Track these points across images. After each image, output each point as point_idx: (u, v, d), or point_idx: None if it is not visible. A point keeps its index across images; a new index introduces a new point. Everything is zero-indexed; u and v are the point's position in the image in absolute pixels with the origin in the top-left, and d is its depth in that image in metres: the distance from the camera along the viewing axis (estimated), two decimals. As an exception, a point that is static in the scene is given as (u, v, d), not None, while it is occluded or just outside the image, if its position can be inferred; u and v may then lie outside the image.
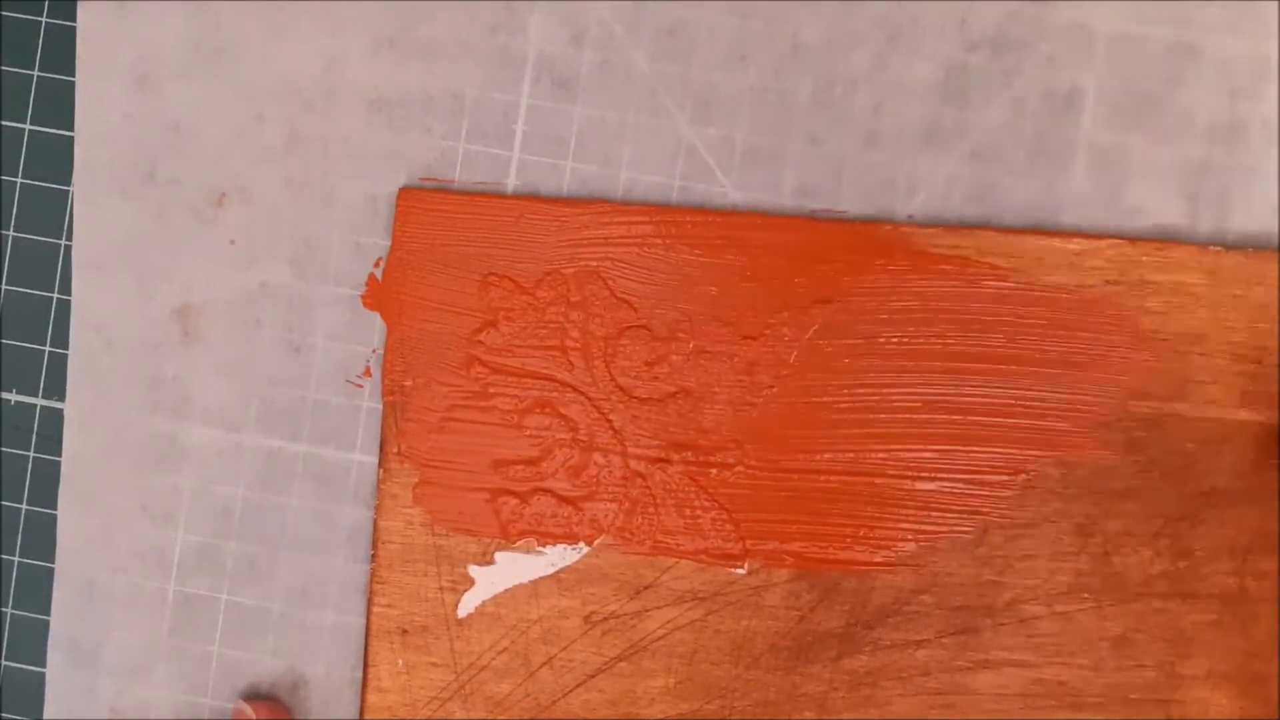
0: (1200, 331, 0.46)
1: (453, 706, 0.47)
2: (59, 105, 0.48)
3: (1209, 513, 0.46)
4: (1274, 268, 0.46)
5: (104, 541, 0.48)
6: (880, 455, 0.46)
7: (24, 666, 0.49)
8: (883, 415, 0.46)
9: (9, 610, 0.49)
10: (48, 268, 0.49)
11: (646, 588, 0.47)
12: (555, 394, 0.47)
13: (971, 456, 0.46)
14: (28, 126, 0.49)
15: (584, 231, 0.47)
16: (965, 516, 0.46)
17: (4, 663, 0.49)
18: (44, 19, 0.48)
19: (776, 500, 0.46)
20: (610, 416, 0.47)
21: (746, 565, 0.47)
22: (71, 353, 0.48)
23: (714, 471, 0.46)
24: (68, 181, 0.48)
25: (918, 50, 0.47)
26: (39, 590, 0.49)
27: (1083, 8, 0.46)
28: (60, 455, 0.48)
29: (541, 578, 0.47)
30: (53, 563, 0.48)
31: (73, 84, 0.48)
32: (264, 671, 0.48)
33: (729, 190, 0.47)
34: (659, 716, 0.47)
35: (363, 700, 0.47)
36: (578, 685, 0.47)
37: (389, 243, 0.47)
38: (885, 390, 0.46)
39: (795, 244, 0.46)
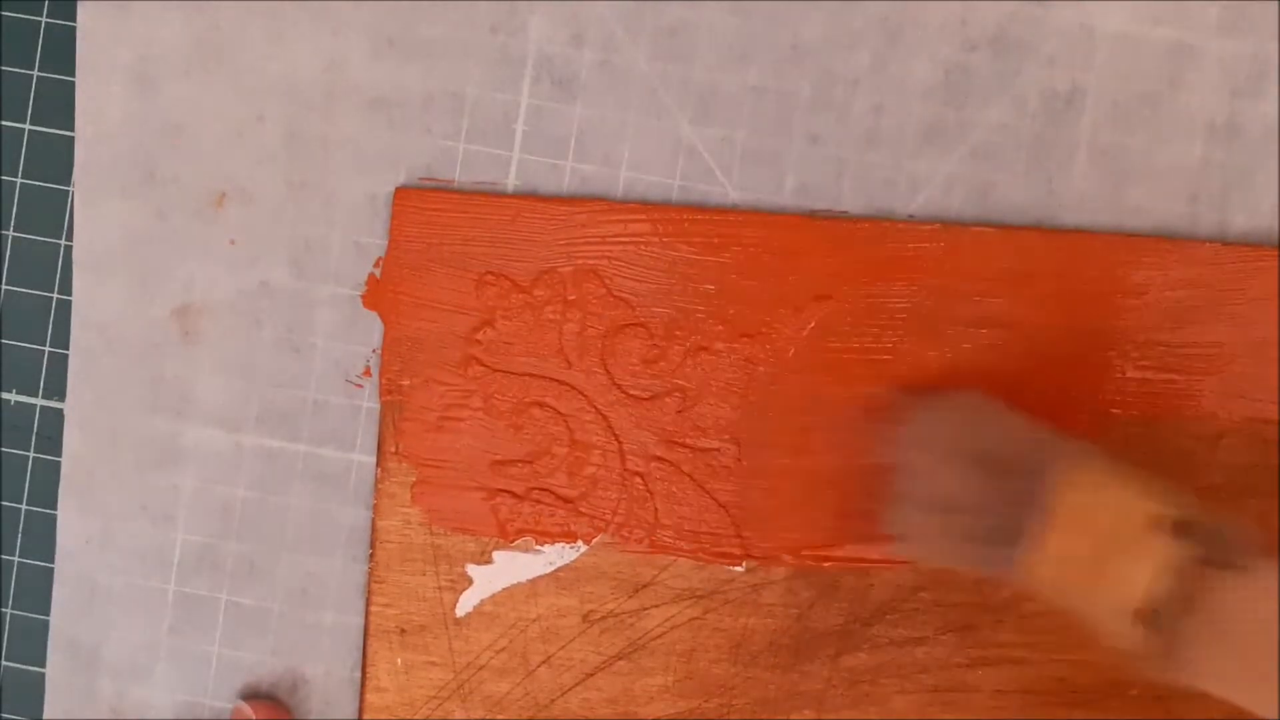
0: (1197, 328, 0.46)
1: (451, 705, 0.47)
2: (59, 105, 0.48)
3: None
4: (1274, 265, 0.46)
5: (104, 541, 0.48)
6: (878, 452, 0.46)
7: (24, 666, 0.49)
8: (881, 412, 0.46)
9: (9, 610, 0.49)
10: (48, 268, 0.49)
11: (645, 586, 0.47)
12: (553, 393, 0.47)
13: (970, 453, 0.46)
14: (28, 126, 0.49)
15: (581, 230, 0.47)
16: (964, 513, 0.46)
17: (4, 663, 0.49)
18: (44, 19, 0.49)
19: (775, 497, 0.46)
20: (608, 415, 0.47)
21: (745, 563, 0.46)
22: (71, 353, 0.48)
23: (712, 469, 0.46)
24: (68, 181, 0.48)
25: (918, 50, 0.47)
26: (39, 590, 0.49)
27: (1083, 8, 0.46)
28: (60, 455, 0.48)
29: (540, 576, 0.47)
30: (53, 563, 0.48)
31: (73, 84, 0.48)
32: (264, 671, 0.48)
33: (729, 190, 0.47)
34: (657, 715, 0.47)
35: (361, 700, 0.47)
36: (576, 684, 0.47)
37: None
38: (883, 387, 0.46)
39: (792, 242, 0.46)
